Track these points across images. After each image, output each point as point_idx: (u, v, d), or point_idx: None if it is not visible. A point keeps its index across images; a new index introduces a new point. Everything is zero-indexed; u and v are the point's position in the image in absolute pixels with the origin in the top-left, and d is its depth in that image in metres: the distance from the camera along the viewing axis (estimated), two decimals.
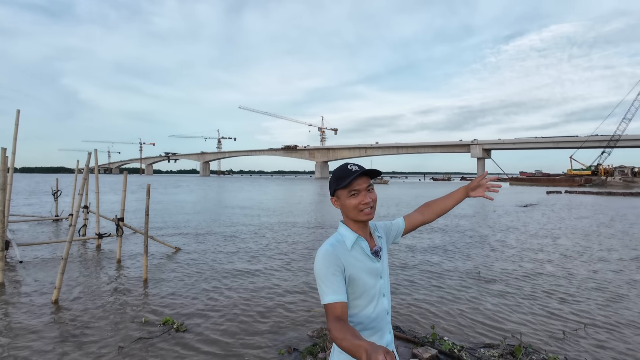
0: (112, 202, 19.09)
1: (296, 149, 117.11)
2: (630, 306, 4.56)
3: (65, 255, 4.55)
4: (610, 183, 52.90)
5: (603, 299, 4.82)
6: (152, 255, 7.13)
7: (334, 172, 1.28)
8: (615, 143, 67.12)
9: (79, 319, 3.99)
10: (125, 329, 3.74)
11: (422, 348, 3.39)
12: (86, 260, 6.73)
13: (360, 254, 1.22)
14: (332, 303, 1.08)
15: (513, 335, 3.73)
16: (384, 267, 1.29)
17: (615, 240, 9.14)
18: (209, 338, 3.61)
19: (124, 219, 6.78)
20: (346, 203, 1.22)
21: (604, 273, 6.09)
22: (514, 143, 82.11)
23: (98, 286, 5.16)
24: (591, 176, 59.72)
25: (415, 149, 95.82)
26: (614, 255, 7.43)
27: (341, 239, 1.23)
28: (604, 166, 63.42)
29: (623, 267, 6.51)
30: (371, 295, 1.21)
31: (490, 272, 6.16)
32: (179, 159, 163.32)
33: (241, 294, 4.91)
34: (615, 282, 5.55)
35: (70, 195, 11.58)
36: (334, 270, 1.13)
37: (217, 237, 9.42)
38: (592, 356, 3.34)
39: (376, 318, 1.22)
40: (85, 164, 5.15)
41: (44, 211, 14.62)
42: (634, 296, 4.91)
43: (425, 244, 8.62)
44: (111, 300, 4.59)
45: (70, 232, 4.63)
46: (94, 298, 4.67)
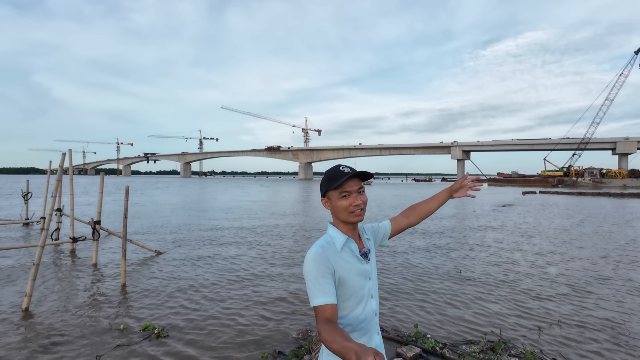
0: (88, 205, 18.35)
1: (280, 150, 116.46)
2: (599, 302, 4.79)
3: (36, 261, 4.33)
4: (581, 184, 55.54)
5: (575, 295, 5.05)
6: (131, 259, 6.89)
7: (326, 173, 1.28)
8: (585, 146, 70.56)
9: (52, 327, 3.81)
10: (103, 337, 3.59)
11: (406, 347, 3.44)
12: (60, 266, 6.43)
13: (349, 256, 1.23)
14: (322, 305, 1.08)
15: (493, 331, 3.85)
16: (372, 268, 1.30)
17: (585, 239, 9.60)
18: (192, 343, 3.52)
19: (100, 222, 6.53)
20: (337, 204, 1.22)
21: (575, 271, 6.38)
22: (491, 145, 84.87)
23: (73, 292, 4.94)
24: (563, 177, 62.47)
25: (398, 150, 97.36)
26: (585, 254, 7.79)
27: (331, 240, 1.23)
28: (575, 168, 66.51)
29: (593, 265, 6.83)
30: (360, 296, 1.22)
31: (470, 271, 6.32)
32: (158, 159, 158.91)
33: (224, 298, 4.83)
34: (585, 280, 5.82)
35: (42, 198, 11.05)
36: (324, 272, 1.12)
37: (198, 240, 9.23)
38: (564, 349, 3.49)
39: (365, 319, 1.23)
40: (59, 165, 4.93)
41: (14, 214, 13.86)
42: (603, 293, 5.16)
43: (407, 244, 8.76)
44: (87, 307, 4.40)
45: (43, 237, 4.42)
46: (68, 305, 4.46)
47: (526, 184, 57.96)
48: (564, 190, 41.76)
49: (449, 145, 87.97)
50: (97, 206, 6.53)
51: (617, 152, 72.08)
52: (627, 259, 7.23)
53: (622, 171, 63.16)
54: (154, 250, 7.56)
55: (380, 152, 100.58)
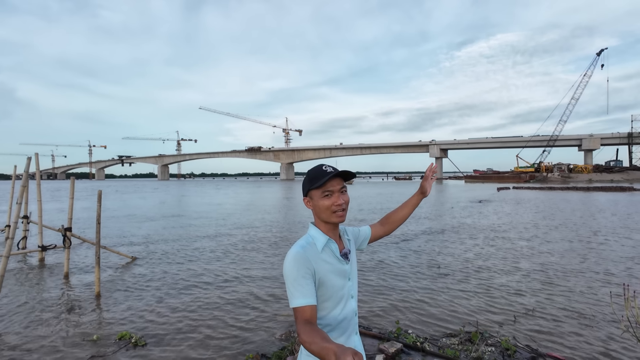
0: (58, 211, 17.49)
1: (260, 150, 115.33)
2: (568, 293, 5.05)
3: (1, 272, 4.08)
4: (551, 179, 58.37)
5: (546, 287, 5.30)
6: (105, 266, 6.63)
7: (308, 173, 1.27)
8: (554, 143, 74.21)
9: (20, 343, 3.60)
10: (76, 349, 3.44)
11: (387, 343, 3.49)
12: (28, 277, 6.10)
13: (330, 256, 1.23)
14: (302, 307, 1.08)
15: (470, 323, 3.98)
16: (352, 269, 1.31)
17: (555, 232, 10.09)
18: (172, 350, 3.43)
19: (71, 229, 6.24)
20: (319, 204, 1.22)
21: (546, 264, 6.69)
22: (467, 143, 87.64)
23: (42, 304, 4.70)
24: (535, 173, 65.42)
25: (378, 149, 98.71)
26: (555, 246, 8.19)
27: (312, 240, 1.23)
28: (545, 163, 69.81)
29: (562, 257, 7.20)
30: (339, 297, 1.22)
31: (448, 266, 6.51)
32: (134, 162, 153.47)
33: (203, 303, 4.73)
34: (555, 271, 6.12)
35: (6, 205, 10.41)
36: (304, 273, 1.12)
37: (175, 244, 9.00)
38: (537, 336, 3.66)
39: (344, 319, 1.23)
40: (25, 170, 4.67)
41: None
42: (571, 284, 5.45)
43: (385, 242, 8.90)
44: (58, 319, 4.19)
45: (7, 246, 4.17)
46: (37, 318, 4.23)
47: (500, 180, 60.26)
48: (535, 185, 43.71)
49: (427, 144, 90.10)
50: (68, 212, 6.23)
51: (583, 148, 76.31)
52: (593, 251, 7.66)
53: (588, 166, 66.96)
54: (129, 256, 7.30)
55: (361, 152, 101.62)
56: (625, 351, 3.30)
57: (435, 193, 31.08)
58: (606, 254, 7.07)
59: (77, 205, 20.10)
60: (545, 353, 3.32)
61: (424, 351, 3.39)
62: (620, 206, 16.78)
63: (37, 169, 7.30)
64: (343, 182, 1.26)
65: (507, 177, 62.42)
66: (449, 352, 3.31)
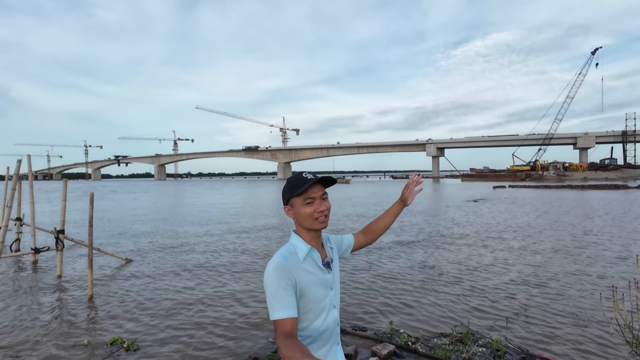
0: (53, 213, 17.35)
1: (258, 150, 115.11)
2: (561, 293, 5.09)
3: None
4: (546, 177, 58.74)
5: (539, 287, 5.33)
6: (99, 269, 6.60)
7: (288, 181, 1.25)
8: (549, 141, 74.63)
9: (11, 347, 3.57)
10: (67, 354, 3.42)
11: (380, 345, 3.50)
12: (20, 280, 6.05)
13: (311, 266, 1.21)
14: (282, 319, 1.06)
15: (462, 323, 4.00)
16: (335, 278, 1.29)
17: (549, 232, 10.16)
18: (164, 355, 3.42)
19: (64, 231, 6.19)
20: (301, 211, 1.21)
21: (539, 263, 6.74)
22: (464, 142, 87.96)
23: (34, 308, 4.66)
24: (530, 171, 65.78)
25: (375, 148, 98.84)
26: (548, 246, 8.25)
27: (293, 250, 1.21)
28: (541, 162, 70.21)
29: (555, 257, 7.25)
30: (322, 307, 1.20)
31: (442, 266, 6.53)
32: (130, 162, 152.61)
33: (197, 306, 4.72)
34: (549, 272, 6.16)
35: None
36: (285, 285, 1.10)
37: (170, 246, 8.96)
38: (528, 337, 3.69)
39: (326, 330, 1.21)
40: (15, 172, 4.63)
41: None
42: (564, 285, 5.49)
43: (381, 241, 8.92)
44: (49, 323, 4.17)
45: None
46: (28, 322, 4.20)
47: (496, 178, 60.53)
48: (531, 183, 43.97)
49: (424, 143, 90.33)
50: (61, 214, 6.18)
51: (578, 146, 76.87)
52: (586, 252, 7.72)
53: (583, 164, 67.43)
54: (123, 258, 7.27)
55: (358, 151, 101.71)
56: (614, 353, 3.33)
57: (431, 192, 31.18)
58: (598, 254, 7.12)
59: (72, 206, 19.96)
60: (535, 354, 3.34)
61: (416, 352, 3.40)
62: (614, 205, 16.92)
63: (29, 171, 7.24)
64: (324, 188, 1.25)
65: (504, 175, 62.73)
66: (440, 353, 3.33)
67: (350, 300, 4.85)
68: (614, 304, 2.52)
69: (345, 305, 4.67)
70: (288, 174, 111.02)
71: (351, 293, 5.11)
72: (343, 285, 5.47)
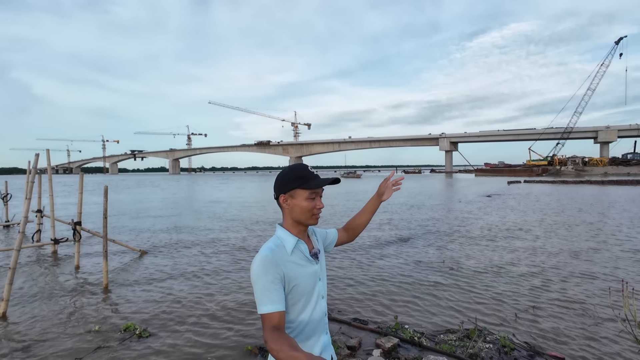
0: (74, 205, 17.96)
1: (269, 144, 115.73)
2: (574, 291, 4.98)
3: (12, 265, 4.25)
4: (564, 172, 57.05)
5: (550, 284, 5.23)
6: (115, 259, 6.82)
7: (292, 171, 1.22)
8: (568, 135, 72.27)
9: (31, 332, 3.76)
10: (83, 340, 3.57)
11: (385, 338, 3.53)
12: (41, 269, 6.32)
13: (299, 258, 1.21)
14: (270, 313, 1.06)
15: (470, 320, 3.97)
16: (322, 269, 1.30)
17: (563, 229, 9.91)
18: (174, 342, 3.53)
19: (81, 223, 6.42)
20: (302, 204, 1.20)
21: (551, 261, 6.60)
22: (478, 136, 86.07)
23: (52, 295, 4.88)
24: (547, 166, 63.99)
25: (387, 142, 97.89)
26: (561, 244, 8.05)
27: (280, 243, 1.21)
28: (559, 157, 68.15)
29: (567, 254, 7.08)
30: (310, 298, 1.21)
31: (452, 261, 6.47)
32: (146, 156, 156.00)
33: (207, 296, 4.84)
34: (561, 269, 6.03)
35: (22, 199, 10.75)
36: (273, 278, 1.10)
37: (184, 238, 9.17)
38: (537, 334, 3.64)
39: (314, 320, 1.22)
40: (33, 166, 4.82)
41: None
42: (575, 284, 5.37)
43: (390, 235, 8.89)
44: (67, 310, 4.36)
45: (18, 239, 4.33)
46: (48, 308, 4.41)
47: (512, 173, 59.16)
48: (548, 179, 42.80)
49: (437, 137, 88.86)
50: (78, 207, 6.41)
51: (599, 140, 74.09)
52: (600, 251, 7.50)
53: (604, 159, 65.09)
54: (138, 249, 7.49)
55: (370, 145, 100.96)
56: (623, 350, 3.25)
57: (443, 187, 30.77)
58: (613, 253, 6.92)
59: (90, 199, 20.62)
60: (544, 352, 3.30)
61: (420, 346, 3.41)
62: (635, 202, 16.32)
63: (48, 165, 7.51)
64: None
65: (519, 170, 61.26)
66: (445, 347, 3.32)
67: (357, 293, 4.87)
68: (623, 300, 2.46)
69: (351, 298, 4.71)
70: None
71: (357, 286, 5.14)
72: (349, 278, 5.50)
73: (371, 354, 3.28)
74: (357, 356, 3.28)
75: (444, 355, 3.20)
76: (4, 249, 6.42)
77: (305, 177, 1.21)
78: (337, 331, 3.78)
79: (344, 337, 3.63)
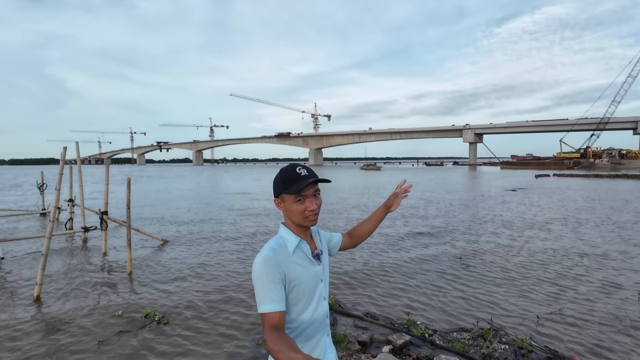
0: (102, 195, 18.89)
1: (289, 136, 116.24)
2: (598, 295, 4.73)
3: (45, 251, 4.53)
4: (598, 165, 53.77)
5: (577, 284, 4.99)
6: (138, 247, 7.14)
7: (281, 174, 1.22)
8: (604, 126, 67.83)
9: (61, 314, 4.02)
10: (106, 323, 3.78)
11: (396, 334, 3.50)
12: (72, 255, 6.72)
13: (301, 259, 1.20)
14: (270, 313, 1.06)
15: (485, 319, 3.87)
16: (324, 270, 1.29)
17: (591, 227, 9.39)
18: (190, 330, 3.67)
19: (107, 212, 6.74)
20: (291, 207, 1.19)
21: (577, 261, 6.28)
22: (505, 127, 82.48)
23: (81, 281, 5.18)
24: (580, 159, 60.54)
25: (409, 134, 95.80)
26: (589, 243, 7.64)
27: (282, 242, 1.20)
28: (593, 149, 64.27)
29: (596, 255, 6.71)
30: (311, 299, 1.20)
31: (471, 257, 6.30)
32: (171, 148, 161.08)
33: (224, 287, 4.97)
34: (587, 270, 5.74)
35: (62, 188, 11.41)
36: (274, 278, 1.10)
37: (205, 229, 9.44)
38: (559, 338, 3.49)
39: (315, 322, 1.21)
40: (61, 158, 5.08)
41: (30, 205, 14.43)
42: (604, 286, 5.09)
43: (405, 231, 8.75)
44: (93, 295, 4.62)
45: (49, 228, 4.60)
46: (76, 293, 4.69)
47: (540, 166, 56.46)
48: (580, 172, 40.55)
49: (460, 129, 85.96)
50: (104, 197, 6.72)
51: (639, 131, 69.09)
52: (631, 252, 7.07)
53: None
54: (160, 239, 7.79)
55: (391, 137, 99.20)
56: None
57: (467, 180, 29.87)
58: None
59: (118, 189, 21.61)
60: (565, 355, 3.16)
61: (432, 344, 3.36)
62: None
63: (77, 156, 7.90)
64: (317, 185, 1.22)
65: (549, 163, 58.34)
66: (458, 346, 3.26)
67: (370, 288, 4.86)
68: None
69: (365, 293, 4.69)
70: (319, 160, 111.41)
71: (371, 281, 5.12)
72: (363, 272, 5.48)
73: (381, 349, 3.27)
74: (367, 351, 3.28)
75: (457, 354, 3.14)
76: (36, 236, 6.87)
77: (289, 180, 1.18)
78: (350, 325, 3.79)
79: (356, 332, 3.64)
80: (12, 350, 3.27)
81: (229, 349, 3.31)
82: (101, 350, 3.26)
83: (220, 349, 3.31)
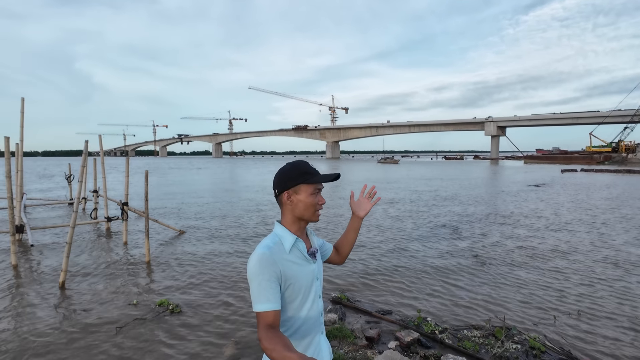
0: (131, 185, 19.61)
1: (307, 129, 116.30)
2: (621, 297, 4.51)
3: (68, 240, 4.77)
4: (631, 160, 50.82)
5: (598, 285, 4.79)
6: (158, 237, 7.39)
7: (295, 167, 1.23)
8: (639, 118, 63.85)
9: (83, 300, 4.24)
10: (124, 311, 3.96)
11: (405, 331, 3.48)
12: (96, 243, 7.04)
13: (297, 257, 1.20)
14: (265, 311, 1.06)
15: (498, 317, 3.78)
16: (319, 268, 1.29)
17: (618, 226, 8.92)
18: (202, 319, 3.79)
19: (128, 203, 7.00)
20: (307, 200, 1.21)
21: (600, 261, 6.01)
22: (530, 120, 79.11)
23: (103, 269, 5.43)
24: (611, 153, 57.40)
25: (428, 127, 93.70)
26: (614, 243, 7.28)
27: (279, 240, 1.20)
28: (626, 142, 60.70)
29: (620, 255, 6.39)
30: (307, 297, 1.20)
31: (487, 254, 6.15)
32: (191, 140, 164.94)
33: (239, 278, 5.09)
34: (610, 269, 5.48)
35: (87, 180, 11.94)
36: (269, 276, 1.09)
37: (223, 219, 9.65)
38: (577, 339, 3.37)
39: (310, 319, 1.22)
40: (84, 152, 5.29)
41: (61, 195, 15.21)
42: (627, 286, 4.85)
43: (418, 227, 8.62)
44: (113, 283, 4.83)
45: (73, 218, 4.83)
46: (97, 280, 4.92)
47: (567, 161, 53.98)
48: (610, 167, 38.49)
49: (482, 121, 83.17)
50: (125, 188, 6.98)
51: None
52: None
53: None
54: (177, 229, 8.03)
55: (410, 130, 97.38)
56: None
57: (487, 174, 29.00)
58: None
59: (140, 180, 22.39)
60: (579, 358, 3.05)
61: (441, 343, 3.32)
62: None
63: (100, 149, 8.22)
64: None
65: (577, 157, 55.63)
66: (468, 345, 3.20)
67: (380, 284, 4.83)
68: None
69: (375, 288, 4.68)
70: (336, 153, 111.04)
71: (382, 276, 5.09)
72: (374, 268, 5.46)
73: (387, 345, 3.26)
74: (374, 347, 3.28)
75: (466, 355, 3.09)
76: (61, 225, 7.24)
77: (309, 172, 1.22)
78: (359, 320, 3.80)
79: (364, 327, 3.64)
80: (32, 333, 3.49)
81: (239, 339, 3.40)
82: (118, 335, 3.42)
83: (231, 338, 3.40)
